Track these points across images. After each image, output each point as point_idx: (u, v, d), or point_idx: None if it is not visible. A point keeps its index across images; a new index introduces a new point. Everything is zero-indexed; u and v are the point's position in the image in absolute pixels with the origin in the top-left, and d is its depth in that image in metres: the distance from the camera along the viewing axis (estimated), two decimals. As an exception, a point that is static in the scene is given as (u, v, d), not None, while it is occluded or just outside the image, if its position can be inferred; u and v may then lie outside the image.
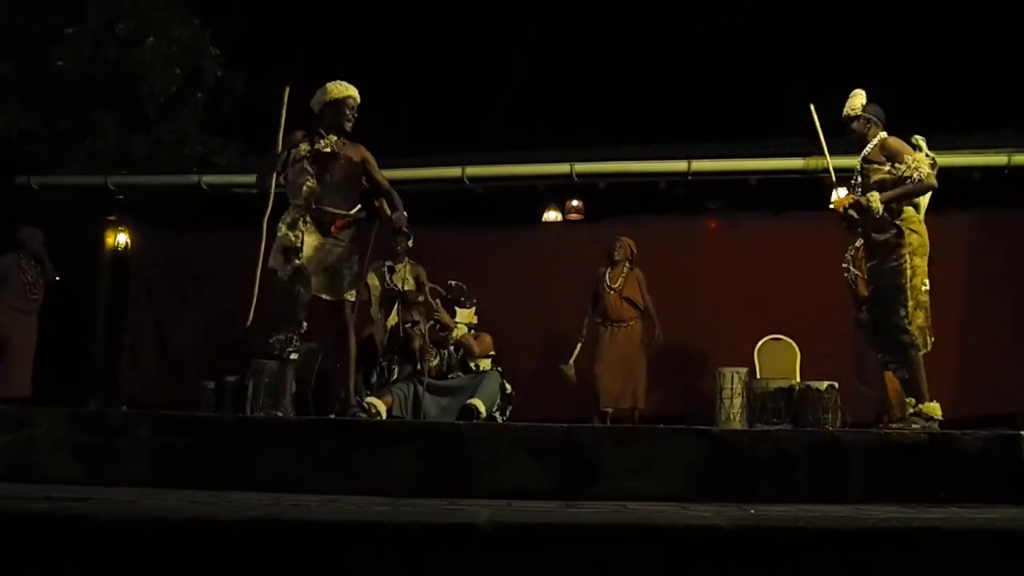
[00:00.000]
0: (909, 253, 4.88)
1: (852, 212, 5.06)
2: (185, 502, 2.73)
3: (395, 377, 6.94)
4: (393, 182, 8.58)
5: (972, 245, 7.92)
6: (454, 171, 8.42)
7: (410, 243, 6.47)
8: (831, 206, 5.27)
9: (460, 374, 6.89)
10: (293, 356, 4.96)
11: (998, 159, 7.69)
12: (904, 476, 3.47)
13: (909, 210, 4.98)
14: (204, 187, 8.80)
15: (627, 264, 7.61)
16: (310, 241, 4.94)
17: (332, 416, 5.12)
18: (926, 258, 4.95)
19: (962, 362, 7.68)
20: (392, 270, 7.38)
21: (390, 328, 7.24)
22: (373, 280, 7.40)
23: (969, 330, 7.70)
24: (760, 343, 7.78)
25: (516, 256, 8.45)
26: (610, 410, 7.41)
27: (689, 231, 8.45)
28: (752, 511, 2.73)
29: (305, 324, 4.96)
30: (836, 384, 7.19)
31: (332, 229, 5.01)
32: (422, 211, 8.41)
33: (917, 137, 5.04)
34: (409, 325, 7.11)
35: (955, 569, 2.23)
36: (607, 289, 7.55)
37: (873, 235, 5.06)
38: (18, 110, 10.74)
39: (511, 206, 8.61)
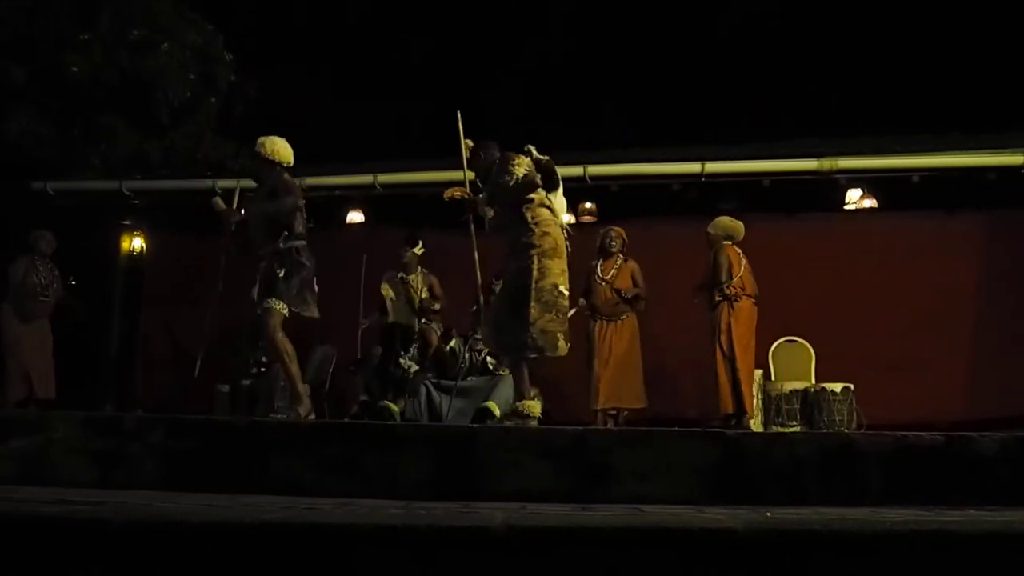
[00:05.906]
0: (538, 254, 4.92)
1: (456, 196, 5.45)
2: (199, 505, 2.74)
3: (410, 378, 6.95)
4: (405, 185, 8.75)
5: (987, 245, 7.88)
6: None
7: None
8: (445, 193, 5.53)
9: (475, 376, 6.88)
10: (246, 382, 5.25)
11: (1014, 159, 7.64)
12: (920, 479, 3.44)
13: (543, 212, 5.04)
14: (218, 191, 8.82)
15: (620, 256, 7.50)
16: None
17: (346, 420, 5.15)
18: (562, 260, 4.99)
19: (977, 363, 7.64)
20: (405, 281, 7.40)
21: (402, 325, 7.25)
22: (387, 291, 7.43)
23: (984, 331, 7.66)
24: (774, 345, 7.75)
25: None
26: (614, 411, 7.35)
27: (702, 233, 8.41)
28: (767, 514, 2.72)
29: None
30: (851, 386, 7.16)
31: None
32: (434, 214, 8.47)
33: (529, 146, 5.17)
34: (425, 322, 7.13)
35: (972, 572, 2.21)
36: (598, 281, 7.41)
37: (507, 237, 5.14)
38: (32, 116, 10.80)
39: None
